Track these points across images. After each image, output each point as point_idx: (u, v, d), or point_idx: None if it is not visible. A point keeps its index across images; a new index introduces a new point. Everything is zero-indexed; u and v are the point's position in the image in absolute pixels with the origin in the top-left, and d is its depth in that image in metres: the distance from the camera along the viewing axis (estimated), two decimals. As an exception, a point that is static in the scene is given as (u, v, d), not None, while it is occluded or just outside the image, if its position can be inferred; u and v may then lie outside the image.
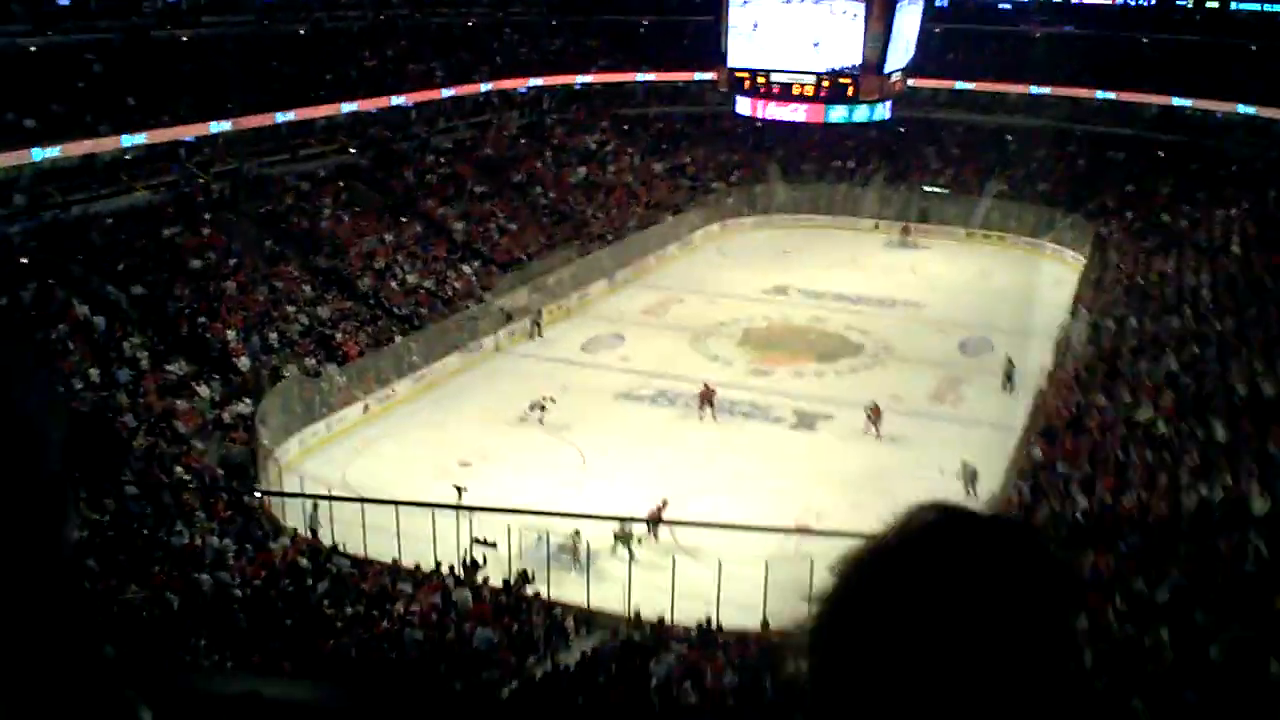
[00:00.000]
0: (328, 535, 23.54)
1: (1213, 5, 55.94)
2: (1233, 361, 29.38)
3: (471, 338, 35.82)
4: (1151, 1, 57.89)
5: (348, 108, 45.65)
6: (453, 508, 22.86)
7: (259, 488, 25.77)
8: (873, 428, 29.53)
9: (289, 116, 42.92)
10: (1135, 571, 19.24)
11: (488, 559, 22.52)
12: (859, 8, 32.85)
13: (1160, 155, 51.60)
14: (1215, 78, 51.07)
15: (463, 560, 22.37)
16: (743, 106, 37.99)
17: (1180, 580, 18.50)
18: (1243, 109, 50.37)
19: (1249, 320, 32.27)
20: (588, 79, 57.37)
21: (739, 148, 56.70)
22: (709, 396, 30.62)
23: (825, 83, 34.74)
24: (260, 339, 31.92)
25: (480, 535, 22.80)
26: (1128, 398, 28.21)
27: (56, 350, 28.12)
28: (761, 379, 33.77)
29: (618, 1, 61.59)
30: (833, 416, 30.18)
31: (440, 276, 38.98)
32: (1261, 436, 24.32)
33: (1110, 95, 54.29)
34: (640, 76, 58.28)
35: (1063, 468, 24.73)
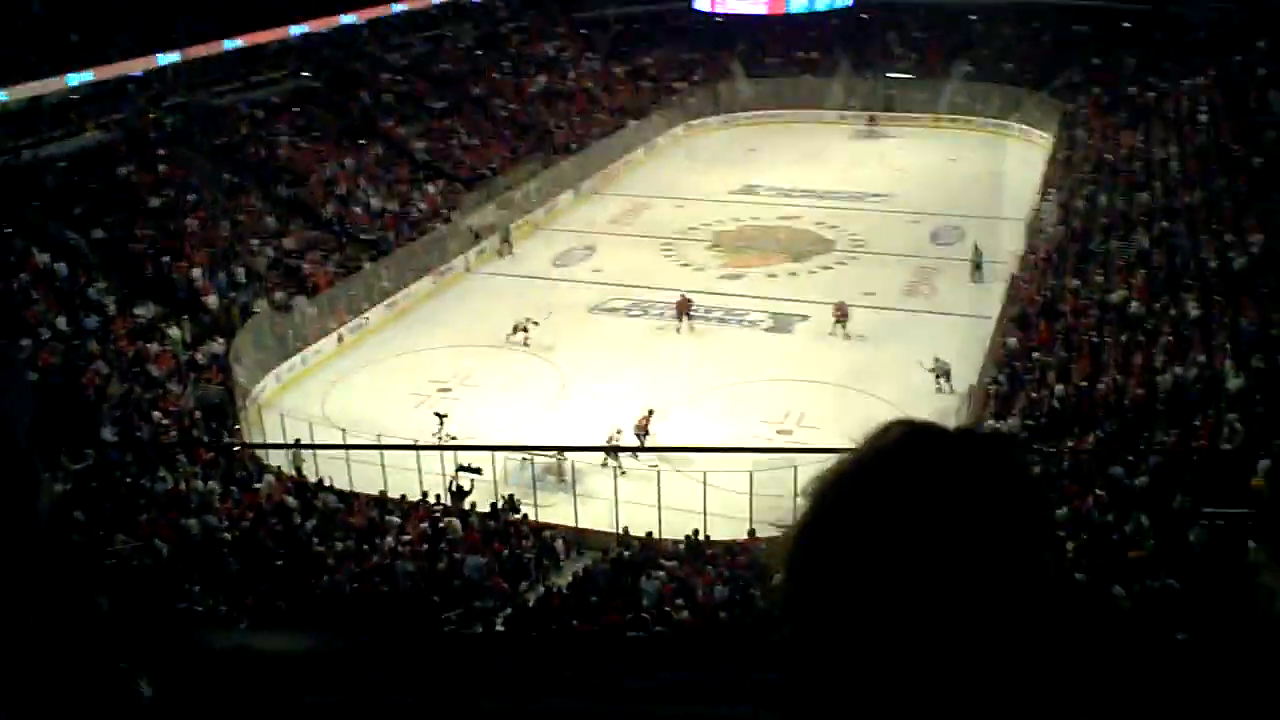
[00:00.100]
0: (311, 471, 23.54)
1: None
2: (1203, 235, 29.45)
3: (441, 259, 35.42)
4: None
5: (297, 30, 44.61)
6: (436, 448, 22.92)
7: (239, 440, 25.67)
8: (840, 328, 29.17)
9: (237, 43, 42.01)
10: (1113, 458, 19.46)
11: (474, 485, 22.57)
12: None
13: (1125, 26, 51.01)
14: (1176, -60, 50.37)
15: (449, 488, 22.43)
16: (701, 2, 37.44)
17: (1158, 464, 18.72)
18: (1207, -29, 49.74)
19: (1217, 191, 32.27)
20: (543, -21, 56.20)
21: (700, 45, 55.63)
22: (686, 307, 30.15)
23: (784, -31, 34.26)
24: (227, 275, 31.48)
25: (465, 462, 22.80)
26: (1100, 278, 28.28)
27: (19, 301, 27.75)
28: (734, 283, 33.53)
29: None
30: (808, 317, 30.04)
31: (404, 198, 38.39)
32: (1234, 310, 24.51)
33: (1073, -36, 53.47)
34: (596, -25, 57.04)
35: (1038, 354, 24.85)
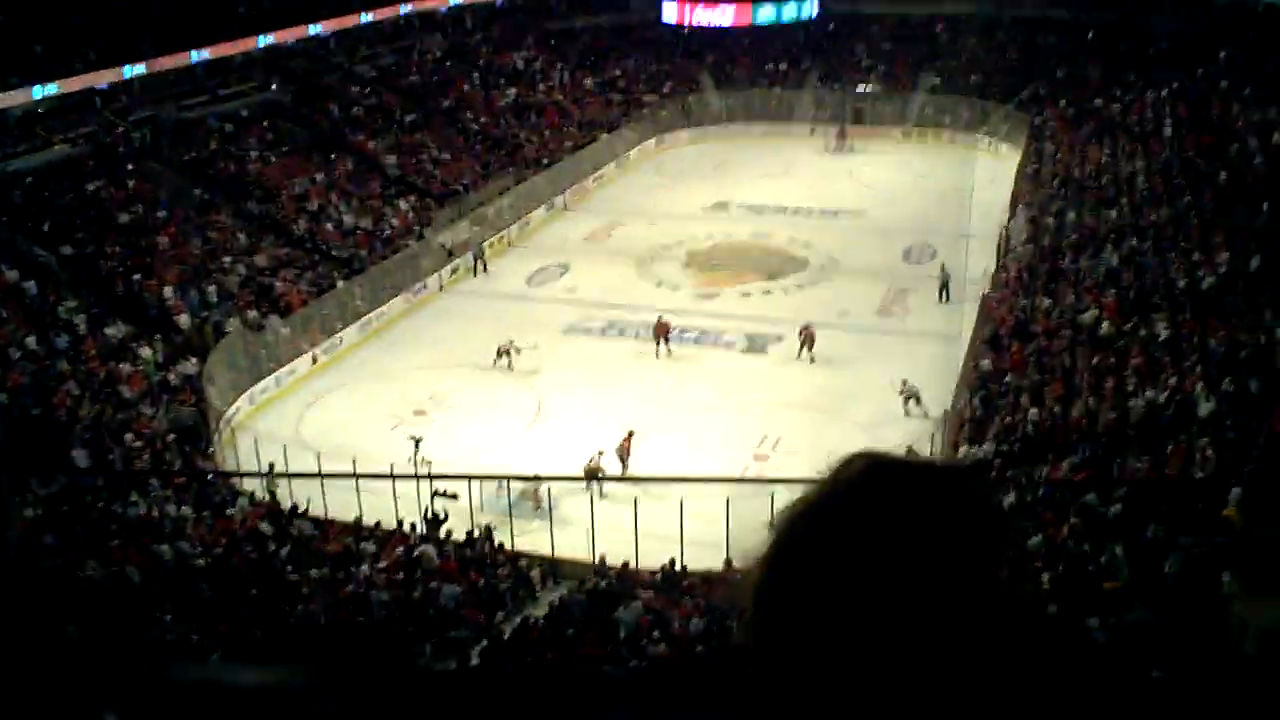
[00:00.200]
0: (286, 496, 23.38)
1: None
2: (1171, 253, 29.72)
3: (415, 278, 35.25)
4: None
5: (265, 40, 44.32)
6: (413, 478, 22.84)
7: (212, 465, 25.49)
8: (805, 351, 28.86)
9: (204, 55, 41.71)
10: (1087, 485, 19.63)
11: (449, 512, 22.50)
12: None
13: (1090, 37, 51.50)
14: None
15: (425, 515, 22.36)
16: (669, 13, 37.60)
17: (1131, 492, 18.89)
18: (1169, -18, 50.30)
19: (1184, 208, 32.58)
20: (511, -7, 56.13)
21: (668, 57, 55.72)
22: (664, 331, 29.74)
23: (751, -20, 34.38)
24: (199, 293, 31.23)
25: (441, 487, 22.75)
26: (1071, 298, 28.50)
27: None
28: (709, 302, 33.52)
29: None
30: (783, 337, 29.87)
31: (377, 214, 38.19)
32: (1203, 331, 24.77)
33: (1039, -25, 53.89)
34: (566, -15, 57.06)
35: (1011, 377, 25.02)
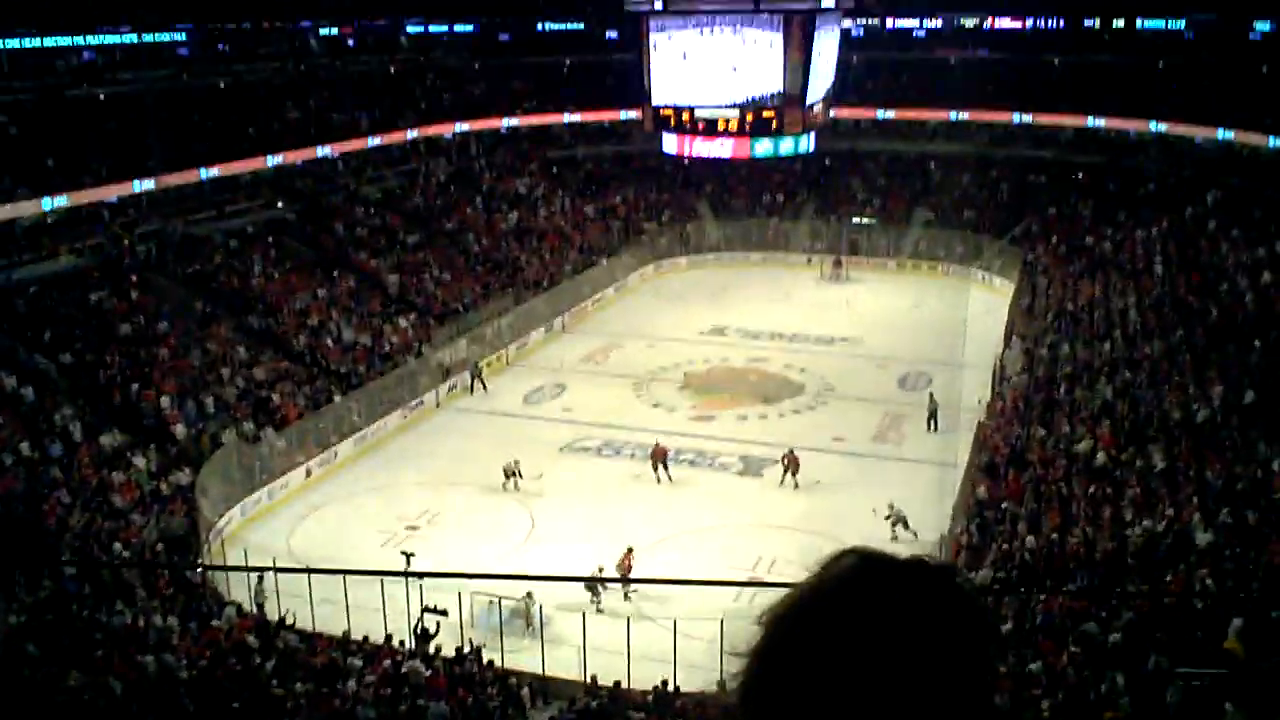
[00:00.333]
0: (274, 608, 23.07)
1: (1119, 25, 57.25)
2: (1165, 386, 29.95)
3: (412, 394, 35.35)
4: (1061, 24, 59.07)
5: (273, 160, 45.24)
6: (403, 574, 22.57)
7: (202, 561, 25.24)
8: (790, 476, 28.84)
9: (213, 172, 42.56)
10: (1086, 613, 19.47)
11: (440, 627, 22.18)
12: (777, 37, 33.22)
13: (1079, 177, 52.66)
14: (1127, 96, 52.41)
15: (414, 630, 22.04)
16: (669, 144, 38.19)
17: (1131, 621, 18.73)
18: (1155, 126, 51.60)
19: (1177, 343, 32.94)
20: (514, 122, 57.30)
21: (668, 186, 56.91)
22: (662, 456, 29.67)
23: (749, 116, 35.06)
24: (196, 405, 31.31)
25: (431, 603, 22.44)
26: (1066, 428, 28.60)
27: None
28: (705, 425, 33.62)
29: (540, 43, 61.84)
30: (779, 461, 29.94)
31: (377, 331, 38.49)
32: (1199, 463, 24.84)
33: (1027, 118, 55.34)
34: (566, 118, 58.22)
35: (1008, 505, 24.97)
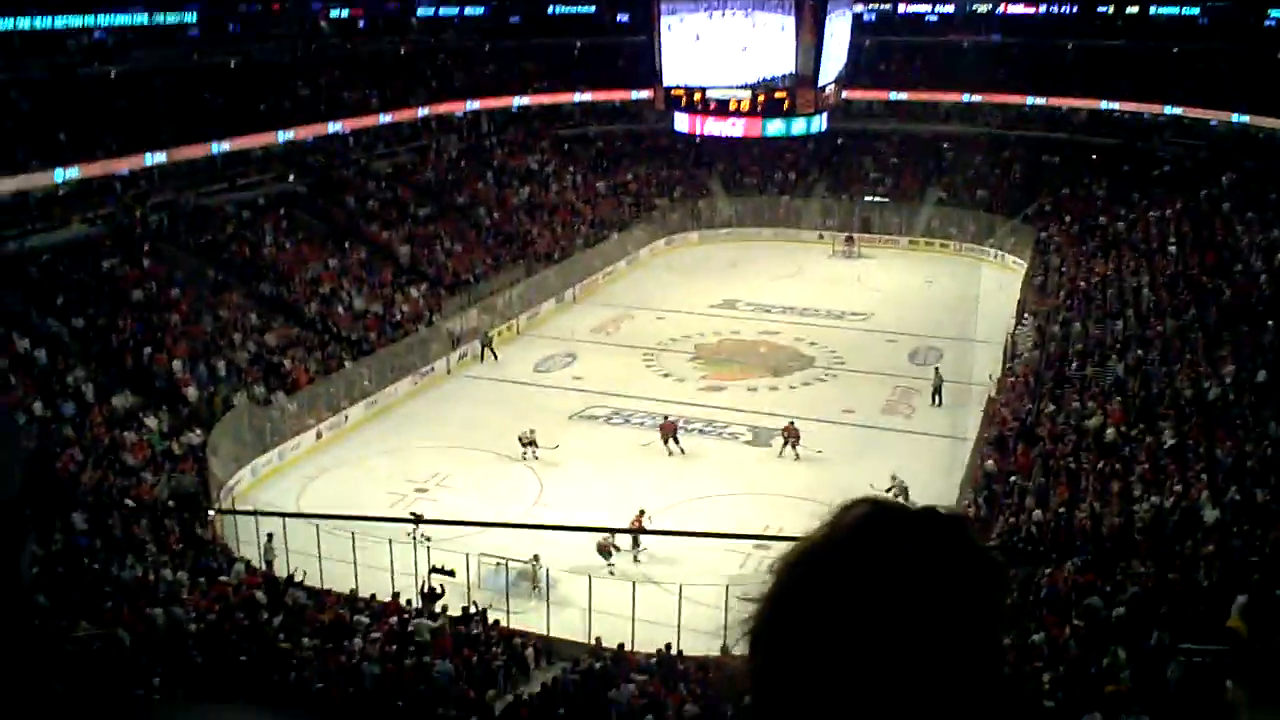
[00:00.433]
0: (283, 566, 23.19)
1: (1132, 11, 57.00)
2: (1177, 364, 29.87)
3: (423, 361, 35.44)
4: (1074, 9, 58.84)
5: (284, 136, 45.08)
6: (414, 520, 22.55)
7: (214, 508, 25.38)
8: (791, 450, 28.79)
9: (224, 147, 42.37)
10: (1091, 587, 19.40)
11: (445, 588, 22.27)
12: (789, 20, 33.05)
13: (1094, 158, 52.45)
14: (1141, 81, 52.20)
15: (421, 590, 22.13)
16: (681, 124, 38.08)
17: (1135, 596, 18.65)
18: (1170, 110, 51.45)
19: (1189, 321, 32.82)
20: (525, 101, 57.13)
21: (679, 164, 56.79)
22: (671, 430, 29.48)
23: (761, 96, 34.92)
24: (207, 368, 31.40)
25: (438, 564, 22.54)
26: (1076, 404, 28.54)
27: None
28: (715, 395, 33.62)
29: (551, 26, 61.64)
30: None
31: (388, 300, 38.58)
32: (1209, 441, 24.75)
33: (1041, 101, 55.20)
34: (577, 97, 58.10)
35: (1016, 479, 24.93)
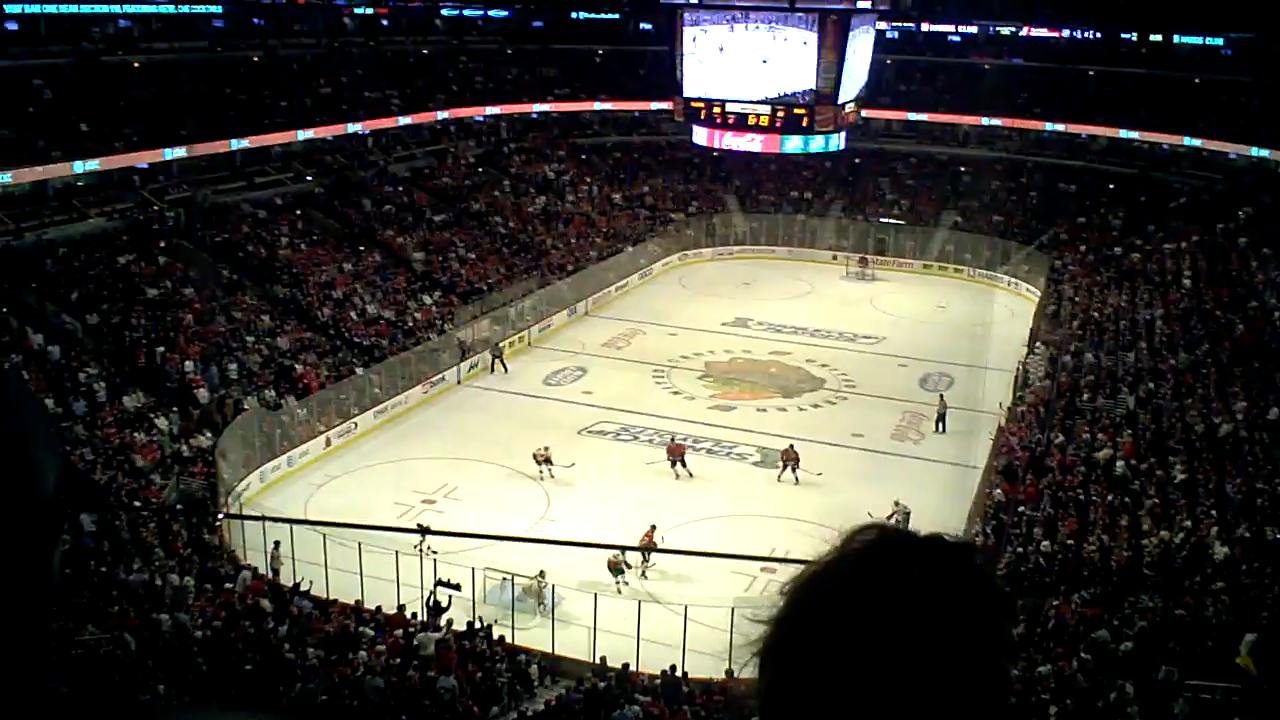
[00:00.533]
0: (289, 575, 23.22)
1: (1156, 39, 56.95)
2: (1188, 399, 29.81)
3: (434, 370, 35.43)
4: (1097, 35, 58.82)
5: (304, 135, 45.36)
6: (419, 533, 22.52)
7: (223, 511, 25.40)
8: (790, 473, 28.63)
9: (244, 143, 42.65)
10: (1099, 620, 19.39)
11: (451, 601, 22.26)
12: (811, 36, 33.07)
13: (1110, 187, 52.37)
14: (1161, 111, 52.10)
15: (426, 603, 22.13)
16: (699, 136, 38.15)
17: (1144, 630, 18.65)
18: (1189, 141, 51.28)
19: (1202, 356, 32.78)
20: (545, 108, 57.33)
21: (696, 178, 56.86)
22: (679, 453, 29.24)
23: (780, 113, 34.97)
24: (219, 370, 31.48)
25: (444, 577, 22.51)
26: (1087, 435, 28.49)
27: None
28: (724, 414, 33.53)
29: (573, 31, 61.81)
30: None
31: (400, 307, 38.63)
32: (1219, 476, 24.72)
33: (1060, 127, 55.16)
34: (597, 105, 58.28)
35: (1024, 509, 24.88)
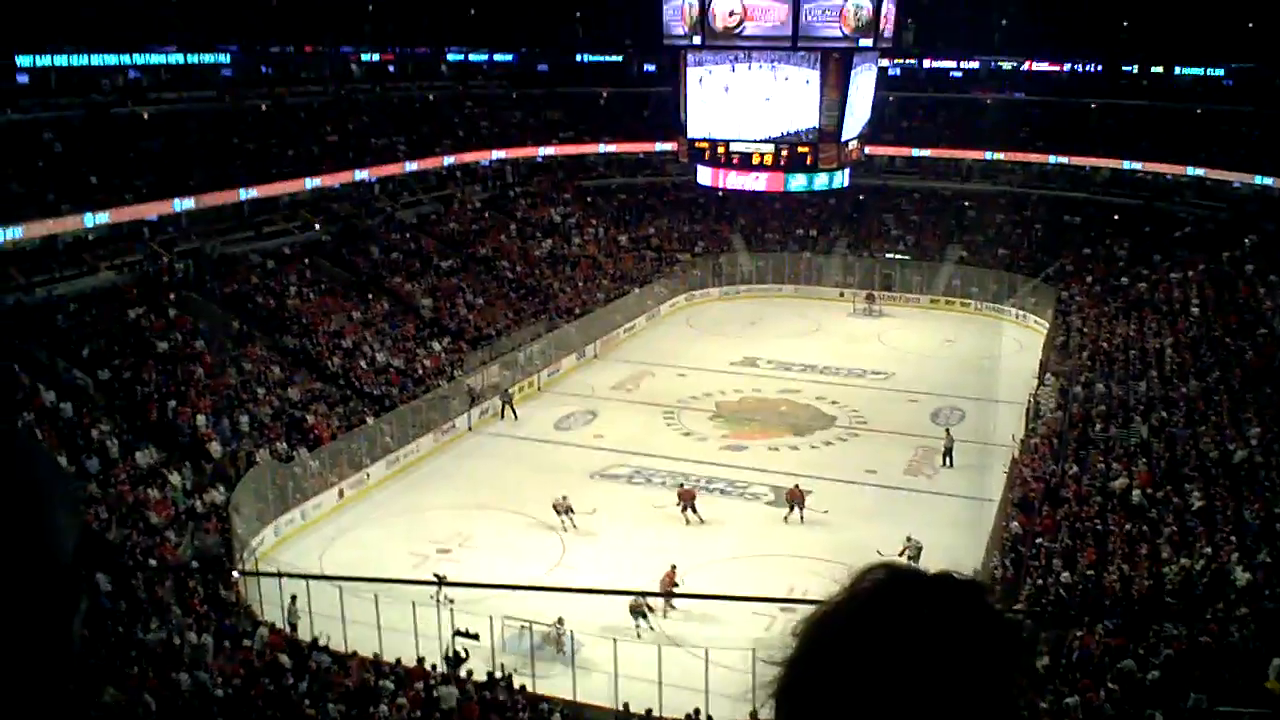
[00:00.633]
0: (306, 629, 23.14)
1: (1157, 71, 57.29)
2: (1201, 426, 29.74)
3: (444, 418, 35.43)
4: (1099, 68, 59.19)
5: (311, 183, 45.65)
6: (435, 583, 22.43)
7: (236, 580, 25.31)
8: (796, 512, 28.60)
9: (252, 193, 42.93)
10: (1124, 650, 19.28)
11: (469, 652, 22.19)
12: (814, 74, 33.21)
13: (1115, 218, 52.49)
14: (1164, 141, 52.34)
15: (445, 654, 22.05)
16: (704, 176, 38.20)
17: (1170, 658, 18.54)
18: (1192, 170, 51.46)
19: (1213, 383, 32.73)
20: (550, 151, 57.68)
21: (702, 218, 57.11)
22: (690, 498, 29.06)
23: (784, 151, 35.00)
24: (231, 423, 31.48)
25: (462, 627, 22.45)
26: (1101, 465, 28.42)
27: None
28: (736, 454, 33.53)
29: (577, 74, 62.35)
30: (810, 492, 29.58)
31: (410, 355, 38.71)
32: (1237, 503, 24.62)
33: (1063, 160, 55.38)
34: (602, 148, 58.63)
35: (1042, 540, 24.77)
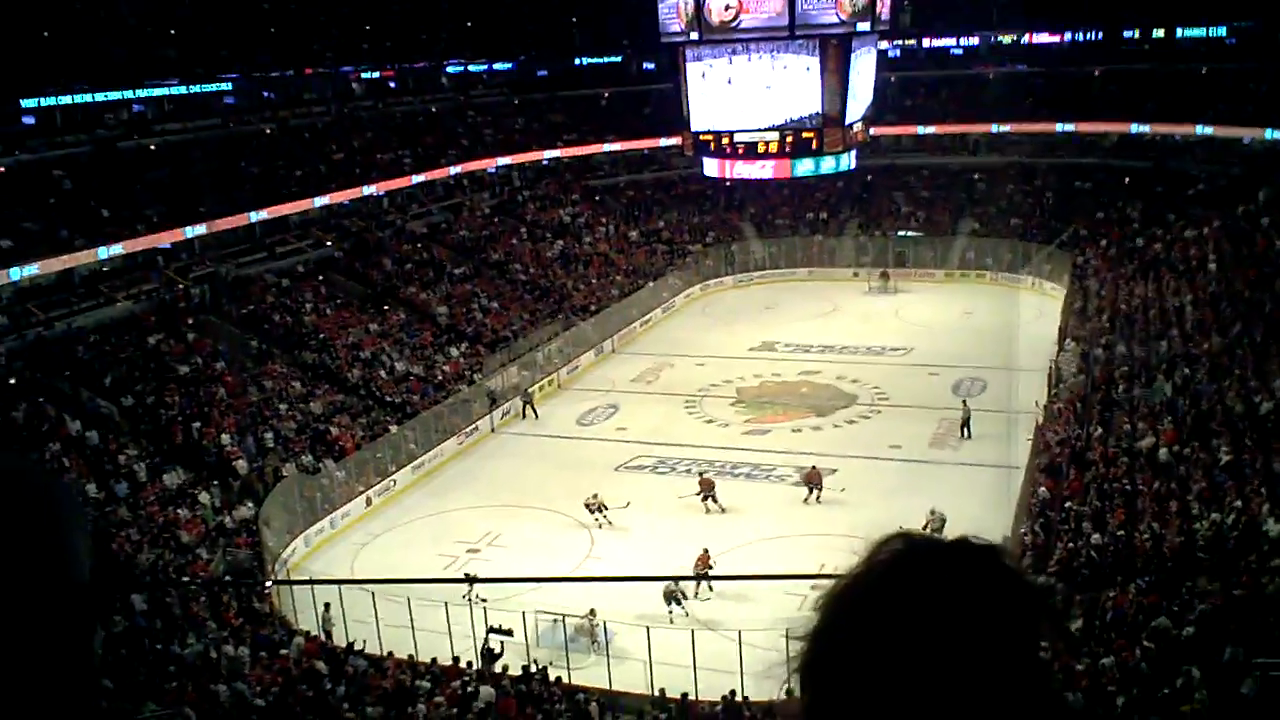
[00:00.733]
0: (341, 636, 23.29)
1: (1159, 35, 56.94)
2: (1226, 380, 29.52)
3: (466, 421, 35.56)
4: (1099, 36, 58.85)
5: (320, 201, 45.85)
6: (466, 582, 22.55)
7: (272, 578, 25.57)
8: (813, 494, 28.59)
9: (262, 215, 43.12)
10: (1157, 608, 19.14)
11: (504, 647, 22.25)
12: (813, 61, 33.13)
13: (1126, 181, 52.19)
14: (1170, 102, 51.97)
15: (480, 651, 22.11)
16: (710, 168, 38.16)
17: (1204, 614, 18.39)
18: (1201, 129, 51.06)
19: (1235, 337, 32.46)
20: (555, 154, 57.77)
21: (711, 209, 57.11)
22: (709, 487, 29.07)
23: (789, 138, 34.90)
24: (255, 440, 31.71)
25: (495, 623, 22.51)
26: (1127, 426, 28.25)
27: (52, 469, 27.86)
28: (760, 439, 33.52)
29: (577, 77, 62.43)
30: (836, 470, 29.72)
31: (429, 362, 38.87)
32: (1265, 455, 24.40)
33: (1070, 127, 55.03)
34: (606, 147, 58.61)
35: (1071, 504, 24.65)
